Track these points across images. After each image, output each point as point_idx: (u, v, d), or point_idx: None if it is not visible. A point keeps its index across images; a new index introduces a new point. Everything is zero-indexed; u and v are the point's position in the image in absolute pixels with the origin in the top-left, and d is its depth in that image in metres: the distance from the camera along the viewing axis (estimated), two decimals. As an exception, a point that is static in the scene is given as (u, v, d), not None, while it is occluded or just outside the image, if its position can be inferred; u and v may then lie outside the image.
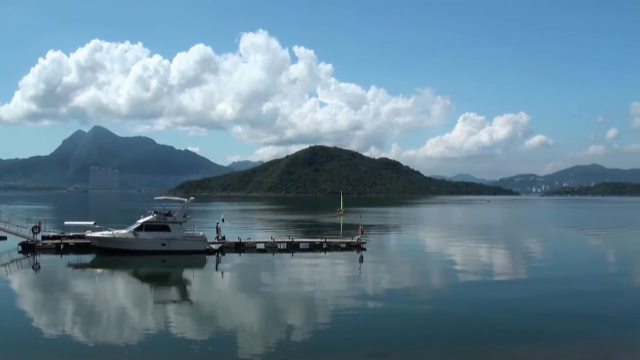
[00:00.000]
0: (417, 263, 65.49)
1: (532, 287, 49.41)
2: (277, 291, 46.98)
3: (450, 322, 35.62)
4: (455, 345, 30.65)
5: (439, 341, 31.38)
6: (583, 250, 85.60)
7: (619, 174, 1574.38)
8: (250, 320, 36.12)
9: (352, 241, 75.61)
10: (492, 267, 63.37)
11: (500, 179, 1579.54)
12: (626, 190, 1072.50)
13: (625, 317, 37.64)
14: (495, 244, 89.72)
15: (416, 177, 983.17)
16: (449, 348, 30.11)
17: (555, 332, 32.82)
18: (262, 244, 73.05)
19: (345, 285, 49.54)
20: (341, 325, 34.68)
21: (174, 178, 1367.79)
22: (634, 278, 56.94)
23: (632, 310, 40.34)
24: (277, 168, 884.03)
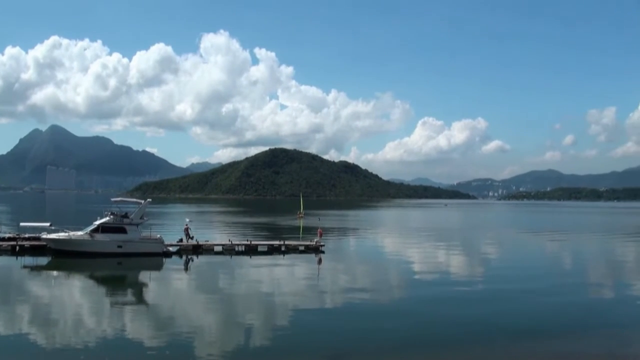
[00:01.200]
0: (375, 266, 65.79)
1: (488, 290, 50.17)
2: (235, 294, 46.89)
3: (407, 324, 35.97)
4: (412, 346, 30.93)
5: (397, 343, 31.54)
6: (538, 254, 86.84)
7: (575, 179, 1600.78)
8: (208, 324, 35.95)
9: (311, 244, 75.61)
10: (449, 269, 64.02)
11: (458, 183, 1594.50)
12: (582, 195, 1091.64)
13: (576, 320, 38.37)
14: (452, 247, 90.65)
15: (375, 181, 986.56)
16: (406, 349, 30.37)
17: (510, 334, 33.40)
18: (220, 246, 72.73)
19: (304, 288, 49.62)
20: (299, 328, 34.81)
21: (131, 179, 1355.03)
22: (586, 281, 57.80)
23: (585, 311, 41.06)
24: (236, 170, 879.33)
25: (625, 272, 66.08)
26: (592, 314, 41.14)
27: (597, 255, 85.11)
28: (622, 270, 67.55)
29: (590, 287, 54.13)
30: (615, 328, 36.54)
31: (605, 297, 49.23)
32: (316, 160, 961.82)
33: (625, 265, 72.84)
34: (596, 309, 42.91)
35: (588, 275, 62.85)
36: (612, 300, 47.94)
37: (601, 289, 53.77)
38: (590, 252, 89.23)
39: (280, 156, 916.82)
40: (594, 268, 69.23)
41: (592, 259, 79.76)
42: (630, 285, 55.16)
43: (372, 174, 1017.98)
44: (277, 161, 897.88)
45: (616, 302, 46.59)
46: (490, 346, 31.31)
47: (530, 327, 36.00)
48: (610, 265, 71.27)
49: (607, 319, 39.47)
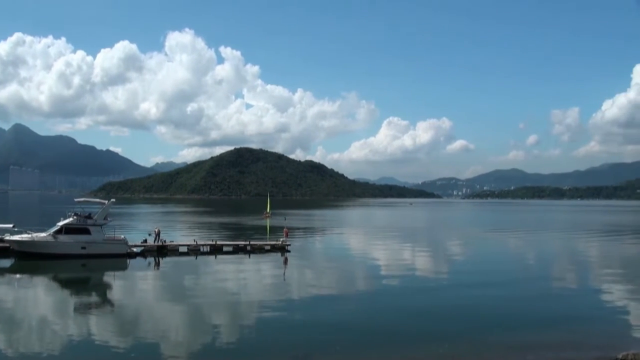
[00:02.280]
0: (341, 265, 65.96)
1: (452, 286, 50.76)
2: (201, 295, 46.64)
3: (373, 323, 36.20)
4: (378, 345, 31.03)
5: (362, 342, 31.77)
6: (502, 252, 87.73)
7: (539, 178, 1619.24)
8: (174, 325, 35.76)
9: (277, 243, 75.70)
10: (414, 268, 64.29)
11: (423, 182, 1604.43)
12: (545, 194, 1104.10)
13: (538, 317, 38.73)
14: (418, 246, 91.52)
15: (341, 180, 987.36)
16: (372, 348, 30.47)
17: (474, 332, 33.74)
18: (185, 247, 72.38)
19: (270, 288, 49.66)
20: (265, 328, 34.80)
21: (95, 179, 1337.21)
22: (549, 277, 58.50)
23: (547, 309, 41.55)
24: (201, 170, 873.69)
25: (587, 268, 67.10)
26: (554, 308, 41.78)
27: (561, 252, 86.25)
28: (585, 266, 68.63)
29: (552, 283, 55.01)
30: (576, 322, 37.25)
31: (567, 292, 49.84)
32: (282, 159, 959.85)
33: (587, 262, 74.28)
34: (558, 304, 43.53)
35: (551, 272, 63.77)
36: (573, 295, 48.66)
37: (563, 284, 54.57)
38: (554, 249, 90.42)
39: (245, 156, 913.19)
40: (558, 265, 70.39)
41: (555, 256, 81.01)
42: (592, 282, 56.18)
43: (338, 174, 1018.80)
44: (242, 161, 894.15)
45: (577, 297, 47.36)
46: (454, 340, 31.67)
47: (497, 321, 36.91)
48: (573, 262, 72.60)
49: (569, 313, 40.27)
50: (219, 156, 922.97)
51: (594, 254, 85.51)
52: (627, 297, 47.46)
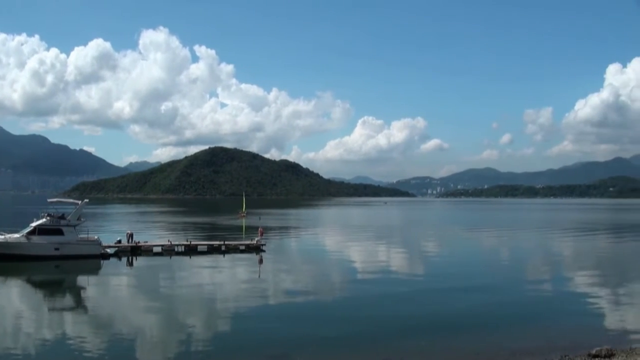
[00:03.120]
0: (316, 264, 66.16)
1: (426, 287, 50.92)
2: (175, 295, 46.45)
3: (348, 322, 36.31)
4: (353, 345, 31.22)
5: (338, 341, 31.86)
6: (475, 250, 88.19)
7: (512, 177, 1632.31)
8: (149, 327, 35.62)
9: (252, 243, 75.65)
10: (389, 267, 64.59)
11: (397, 181, 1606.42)
12: (519, 193, 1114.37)
13: (512, 315, 39.20)
14: (392, 245, 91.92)
15: (316, 179, 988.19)
16: (348, 348, 30.63)
17: (448, 330, 33.96)
18: (159, 247, 72.09)
19: (245, 288, 49.56)
20: (240, 328, 34.84)
21: (69, 179, 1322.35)
22: (522, 276, 58.98)
23: (522, 307, 41.96)
24: (175, 169, 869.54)
25: (561, 266, 67.86)
26: (528, 306, 42.25)
27: (535, 250, 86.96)
28: (559, 264, 69.48)
29: (527, 281, 55.53)
30: (550, 319, 37.57)
31: (542, 290, 50.28)
32: (257, 159, 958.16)
33: (562, 260, 75.24)
34: (532, 302, 44.01)
35: (525, 270, 64.39)
36: (548, 292, 49.21)
37: (538, 282, 55.09)
38: (528, 247, 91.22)
39: (220, 155, 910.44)
40: (532, 263, 71.08)
41: (529, 254, 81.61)
42: (566, 279, 56.74)
43: (313, 173, 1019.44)
44: (217, 160, 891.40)
45: (551, 294, 47.93)
46: (429, 338, 31.98)
47: (472, 319, 37.20)
48: (547, 260, 73.40)
49: (543, 310, 40.67)
50: (193, 156, 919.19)
51: (568, 251, 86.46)
52: (600, 294, 48.04)
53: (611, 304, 44.17)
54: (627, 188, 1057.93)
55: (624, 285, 52.97)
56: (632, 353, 29.01)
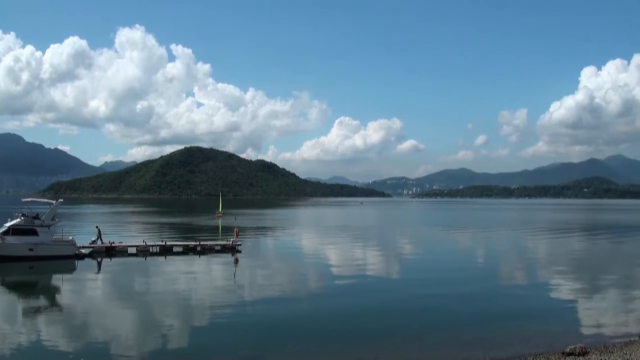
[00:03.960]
0: (292, 265, 66.10)
1: (402, 287, 51.00)
2: (151, 297, 46.31)
3: (323, 322, 36.49)
4: (329, 345, 31.30)
5: (314, 342, 32.00)
6: (451, 249, 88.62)
7: (487, 177, 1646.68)
8: (124, 328, 35.45)
9: (227, 244, 75.51)
10: (365, 268, 64.54)
11: (373, 181, 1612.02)
12: (493, 193, 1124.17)
13: (486, 315, 39.40)
14: (368, 244, 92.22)
15: (292, 179, 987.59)
16: (323, 348, 30.76)
17: (424, 330, 34.16)
18: (134, 247, 71.71)
19: (221, 288, 49.54)
20: (216, 328, 34.85)
21: (43, 178, 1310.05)
22: (498, 276, 59.36)
23: (496, 306, 42.22)
24: (150, 169, 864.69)
25: (536, 265, 68.43)
26: (503, 305, 42.62)
27: (509, 250, 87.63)
28: (533, 263, 70.05)
29: (501, 281, 56.15)
30: (524, 318, 37.93)
31: (516, 289, 50.64)
32: (233, 159, 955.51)
33: (536, 259, 75.98)
34: (506, 301, 44.36)
35: (500, 270, 64.83)
36: (522, 292, 49.45)
37: (512, 282, 55.83)
38: (503, 247, 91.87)
39: (196, 155, 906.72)
40: (506, 262, 71.73)
41: (504, 253, 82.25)
42: (541, 278, 57.35)
43: (289, 173, 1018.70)
44: (192, 160, 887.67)
45: (526, 294, 48.17)
46: (405, 339, 32.16)
47: (446, 319, 37.41)
48: (522, 259, 73.99)
49: (517, 310, 41.06)
50: (169, 155, 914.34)
51: (542, 251, 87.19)
52: (574, 293, 48.75)
53: (585, 303, 44.75)
54: (601, 189, 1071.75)
55: (597, 284, 53.48)
56: (605, 351, 29.43)
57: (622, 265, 70.03)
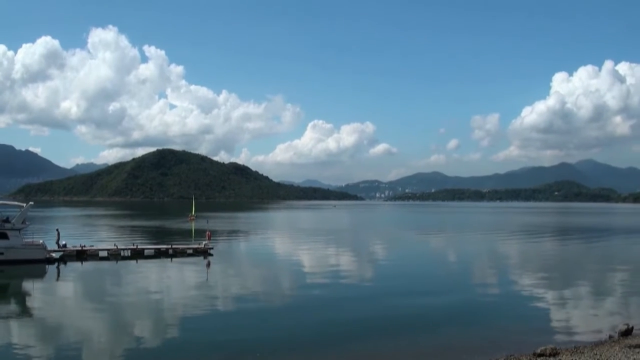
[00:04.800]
0: (264, 268, 66.16)
1: (374, 292, 51.01)
2: (122, 300, 46.03)
3: (295, 326, 36.67)
4: (301, 347, 31.64)
5: (285, 345, 32.12)
6: (423, 253, 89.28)
7: (459, 181, 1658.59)
8: (97, 332, 35.33)
9: (199, 247, 75.42)
10: (338, 271, 64.66)
11: (347, 184, 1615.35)
12: (465, 196, 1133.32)
13: (458, 317, 39.72)
14: (341, 248, 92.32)
15: (265, 182, 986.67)
16: (295, 351, 31.05)
17: (394, 334, 34.41)
18: (105, 251, 71.43)
19: (193, 292, 49.38)
20: (186, 333, 34.75)
21: (14, 181, 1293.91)
22: (469, 278, 59.79)
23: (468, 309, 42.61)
24: (122, 171, 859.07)
25: (507, 267, 69.29)
26: (474, 307, 43.02)
27: (481, 252, 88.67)
28: (505, 266, 70.96)
29: (473, 283, 56.42)
30: (496, 320, 38.57)
31: (487, 291, 51.17)
32: (205, 161, 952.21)
33: (507, 262, 77.00)
34: (478, 303, 44.78)
35: (471, 272, 65.53)
36: (493, 294, 50.04)
37: (484, 284, 56.19)
38: (475, 249, 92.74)
39: (168, 157, 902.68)
40: (478, 265, 72.43)
41: (475, 256, 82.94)
42: (512, 281, 57.68)
43: (262, 176, 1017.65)
44: (165, 162, 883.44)
45: (497, 296, 48.66)
46: (375, 345, 32.22)
47: (417, 322, 37.80)
48: (493, 262, 75.12)
49: (489, 312, 41.78)
50: (141, 157, 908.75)
51: (514, 254, 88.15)
52: (545, 295, 49.35)
53: (556, 305, 45.44)
54: (571, 192, 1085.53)
55: (568, 286, 54.35)
56: (576, 351, 29.93)
57: (592, 267, 71.11)
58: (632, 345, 30.23)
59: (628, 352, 29.11)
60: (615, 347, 30.63)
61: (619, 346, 30.70)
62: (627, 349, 29.77)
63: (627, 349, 29.77)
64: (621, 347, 30.42)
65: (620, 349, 29.98)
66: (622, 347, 30.40)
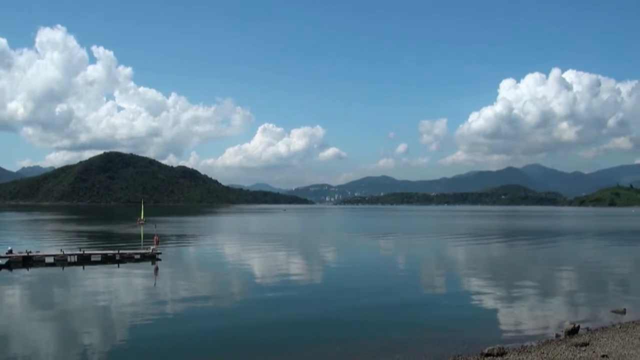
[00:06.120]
0: (213, 272, 66.04)
1: (323, 295, 51.57)
2: (70, 308, 45.53)
3: (245, 330, 36.83)
4: (250, 351, 31.84)
5: (234, 350, 32.28)
6: (372, 256, 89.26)
7: (408, 184, 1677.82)
8: (44, 342, 34.91)
9: (147, 252, 74.99)
10: (286, 273, 65.29)
11: (296, 188, 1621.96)
12: (414, 200, 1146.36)
13: (405, 319, 40.11)
14: (291, 251, 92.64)
15: (214, 186, 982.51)
16: (244, 356, 31.25)
17: (342, 337, 34.71)
18: (52, 257, 70.55)
19: (140, 298, 49.09)
20: (135, 339, 34.72)
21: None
22: (417, 280, 60.35)
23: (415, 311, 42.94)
24: (69, 175, 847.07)
25: (454, 269, 70.60)
26: (421, 309, 43.69)
27: (429, 255, 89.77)
28: (452, 268, 72.24)
29: (420, 285, 57.56)
30: (443, 321, 38.99)
31: (435, 293, 52.02)
32: (154, 165, 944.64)
33: (454, 264, 78.03)
34: (425, 305, 45.38)
35: (419, 274, 66.62)
36: (440, 295, 50.77)
37: (431, 286, 57.32)
38: (422, 252, 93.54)
39: (115, 160, 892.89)
40: (425, 267, 73.68)
41: (423, 258, 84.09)
42: (459, 282, 58.87)
43: (211, 180, 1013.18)
44: (112, 166, 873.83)
45: (444, 297, 49.31)
46: (324, 347, 32.65)
47: (364, 325, 37.99)
48: (440, 264, 76.10)
49: (436, 313, 42.46)
50: (88, 161, 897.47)
51: (461, 256, 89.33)
52: (492, 296, 50.43)
53: (503, 305, 46.50)
54: (518, 196, 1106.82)
55: (515, 287, 55.38)
56: (523, 351, 30.85)
57: (539, 269, 72.51)
58: (578, 344, 31.20)
59: (574, 350, 30.13)
60: (562, 345, 31.63)
61: (565, 345, 31.69)
62: (574, 347, 30.78)
63: (574, 347, 30.78)
64: (568, 345, 31.41)
65: (566, 347, 31.00)
66: (568, 345, 31.40)
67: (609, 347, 30.70)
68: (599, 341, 32.20)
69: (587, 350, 29.85)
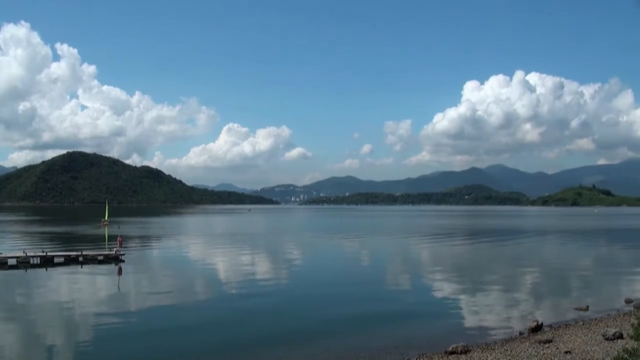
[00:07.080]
0: (178, 274, 65.73)
1: (287, 294, 51.69)
2: (33, 311, 44.97)
3: (209, 332, 36.63)
4: (214, 354, 31.83)
5: (198, 352, 32.02)
6: (336, 255, 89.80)
7: (373, 185, 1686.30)
8: (6, 344, 34.45)
9: (110, 253, 74.37)
10: (253, 274, 65.09)
11: (262, 188, 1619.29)
12: (378, 200, 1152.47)
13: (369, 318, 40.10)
14: (256, 252, 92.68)
15: (178, 186, 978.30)
16: (211, 357, 31.28)
17: (305, 336, 34.91)
18: (14, 259, 69.72)
19: (104, 300, 48.74)
20: (100, 341, 34.52)
21: None
22: (381, 279, 60.45)
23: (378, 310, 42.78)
24: (32, 175, 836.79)
25: (418, 268, 71.23)
26: (385, 308, 43.57)
27: (392, 254, 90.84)
28: (416, 267, 72.85)
29: (384, 284, 57.90)
30: (407, 320, 39.53)
31: (398, 292, 52.28)
32: (117, 165, 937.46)
33: (418, 263, 79.24)
34: (389, 304, 45.32)
35: (383, 274, 66.68)
36: (404, 294, 51.13)
37: (395, 285, 57.95)
38: (386, 251, 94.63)
39: (79, 160, 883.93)
40: (389, 266, 74.56)
41: (387, 258, 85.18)
42: (423, 281, 59.46)
43: (175, 180, 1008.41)
44: (75, 165, 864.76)
45: (408, 296, 49.52)
46: (286, 346, 32.65)
47: (328, 325, 38.38)
48: (404, 263, 77.14)
49: (400, 312, 42.67)
50: (51, 160, 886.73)
51: (425, 255, 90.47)
52: (456, 294, 51.04)
53: (467, 304, 47.02)
54: (481, 196, 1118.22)
55: (479, 285, 56.18)
56: (487, 348, 31.29)
57: (501, 267, 73.77)
58: (541, 341, 31.74)
59: (538, 347, 30.70)
60: (526, 342, 32.19)
61: (529, 342, 32.25)
62: (537, 344, 31.35)
63: (537, 344, 31.35)
64: (531, 342, 31.97)
65: (530, 344, 31.56)
66: (532, 342, 31.96)
67: (572, 343, 31.28)
68: (562, 338, 32.76)
69: (551, 347, 30.41)
